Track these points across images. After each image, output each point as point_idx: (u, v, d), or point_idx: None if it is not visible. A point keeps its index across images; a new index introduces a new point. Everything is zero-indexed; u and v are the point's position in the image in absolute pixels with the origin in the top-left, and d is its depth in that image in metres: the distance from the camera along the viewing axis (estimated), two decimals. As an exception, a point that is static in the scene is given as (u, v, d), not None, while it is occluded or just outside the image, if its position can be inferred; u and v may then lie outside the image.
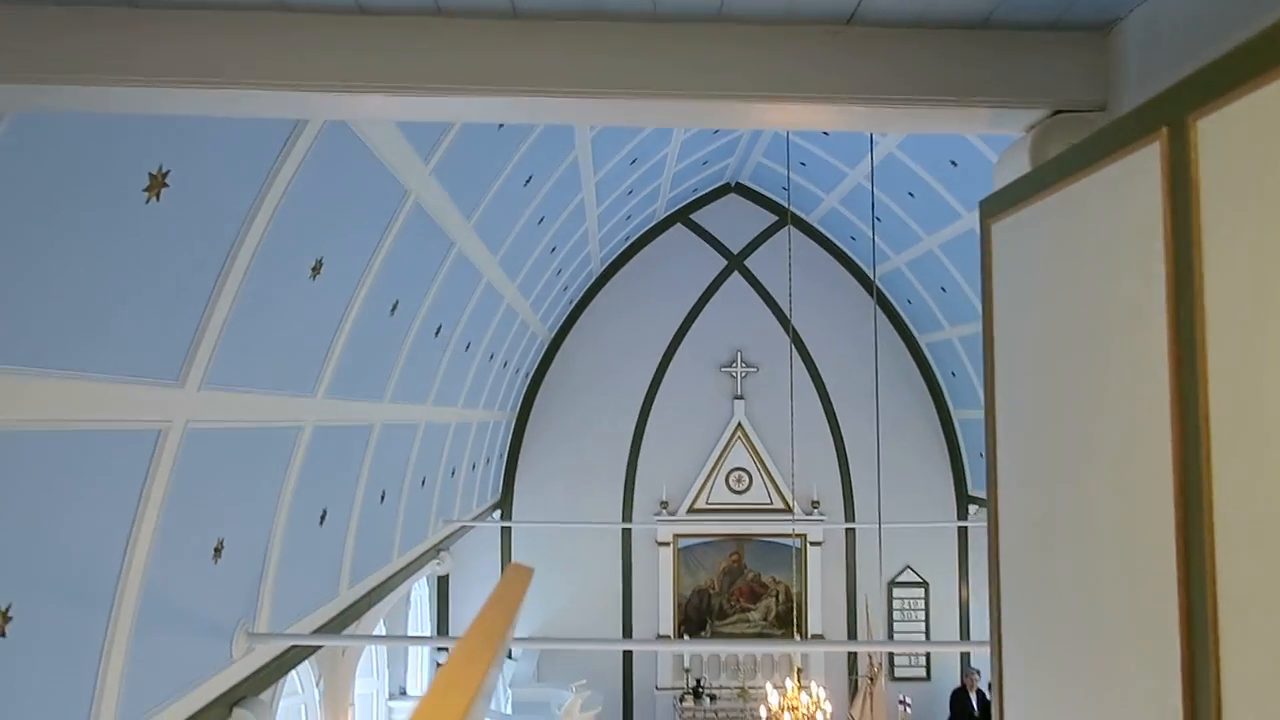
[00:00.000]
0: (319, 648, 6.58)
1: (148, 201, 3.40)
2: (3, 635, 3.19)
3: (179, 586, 4.50)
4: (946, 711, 14.16)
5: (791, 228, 13.05)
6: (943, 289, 12.78)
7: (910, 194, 11.24)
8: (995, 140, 8.57)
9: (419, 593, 12.64)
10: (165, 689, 4.50)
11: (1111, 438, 1.88)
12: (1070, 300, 2.02)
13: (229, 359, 4.37)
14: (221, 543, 4.86)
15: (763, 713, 10.56)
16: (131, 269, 3.48)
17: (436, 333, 8.00)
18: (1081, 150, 1.96)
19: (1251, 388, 1.53)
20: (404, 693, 11.26)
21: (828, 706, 10.53)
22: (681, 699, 13.99)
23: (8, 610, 3.20)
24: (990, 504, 2.60)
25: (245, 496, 5.16)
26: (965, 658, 14.69)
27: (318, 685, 8.09)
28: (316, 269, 5.02)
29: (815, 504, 14.67)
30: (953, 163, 9.86)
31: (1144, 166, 1.72)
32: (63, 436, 3.37)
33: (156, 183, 3.39)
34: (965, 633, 14.78)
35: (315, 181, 4.44)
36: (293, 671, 6.66)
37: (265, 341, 4.82)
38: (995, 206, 2.36)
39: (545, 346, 14.76)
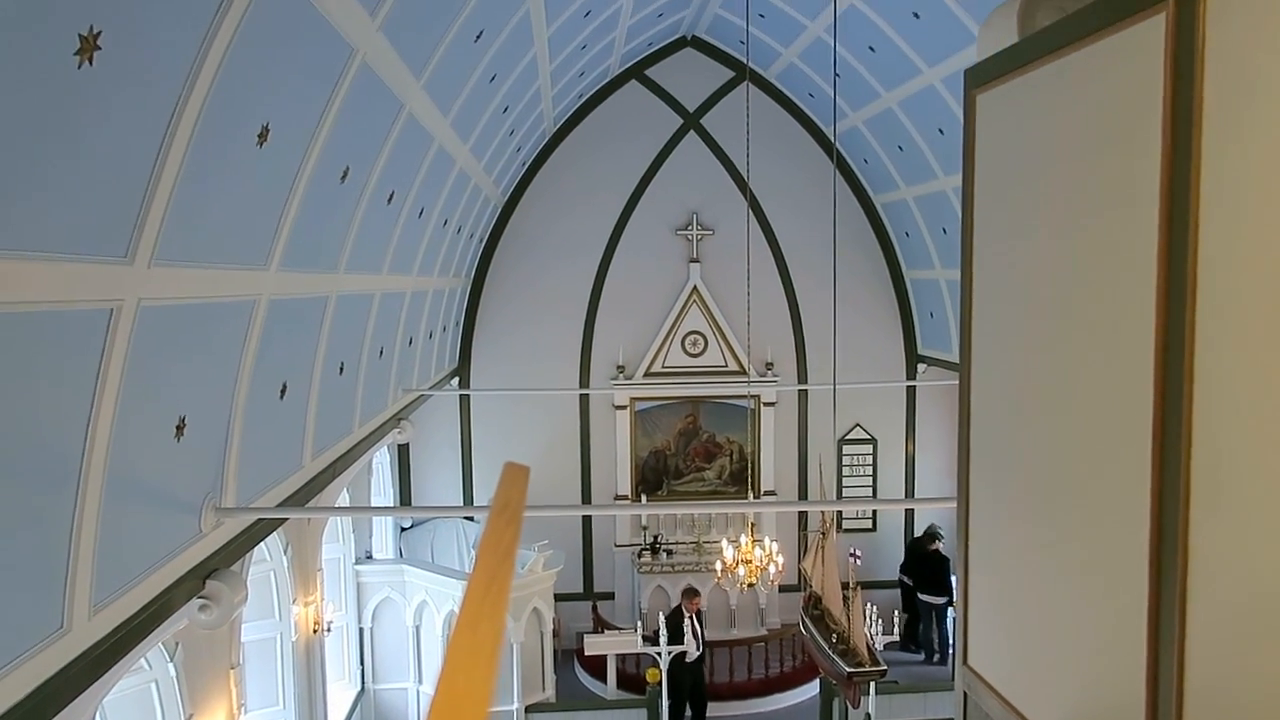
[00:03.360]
0: (286, 519, 6.64)
1: (80, 66, 3.17)
2: (-31, 521, 3.16)
3: (144, 465, 4.46)
4: (891, 559, 14.93)
5: (749, 84, 12.74)
6: (900, 148, 12.67)
7: (871, 48, 10.98)
8: (961, -7, 8.34)
9: (381, 460, 12.76)
10: (138, 565, 4.53)
11: (1094, 314, 1.89)
12: (1058, 176, 2.00)
13: (178, 233, 4.20)
14: (183, 420, 4.80)
15: (718, 566, 11.02)
16: (68, 140, 3.28)
17: (389, 199, 7.77)
18: (1079, 20, 1.89)
19: (1240, 273, 1.53)
20: (370, 557, 11.52)
21: (780, 559, 11.01)
22: (639, 555, 14.50)
23: (-28, 497, 3.15)
24: (963, 370, 2.63)
25: (204, 373, 5.08)
26: (910, 514, 15.36)
27: (286, 553, 8.23)
28: (263, 136, 4.78)
29: (769, 365, 14.90)
30: (915, 14, 9.59)
31: (1146, 41, 1.67)
32: (12, 319, 3.24)
33: (88, 45, 3.15)
34: (910, 487, 15.41)
35: (257, 41, 4.18)
36: (260, 545, 6.74)
37: (214, 214, 4.63)
38: (981, 76, 2.29)
39: (499, 210, 14.47)
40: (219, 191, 4.56)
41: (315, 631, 8.83)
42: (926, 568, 14.07)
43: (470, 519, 13.14)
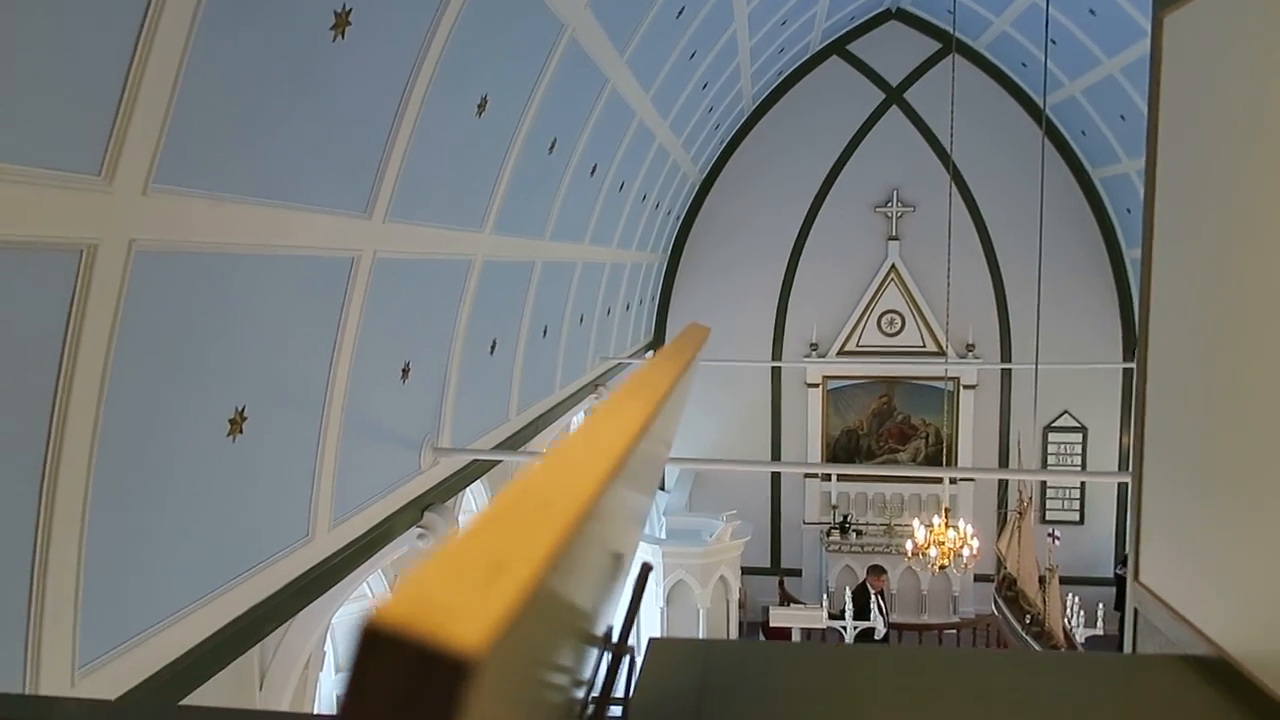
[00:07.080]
0: (493, 465, 7.18)
1: (334, 40, 3.63)
2: (241, 432, 3.71)
3: (374, 401, 5.01)
4: (1100, 556, 14.11)
5: (956, 56, 12.34)
6: (1122, 118, 11.91)
7: (1091, 11, 10.38)
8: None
9: (578, 424, 13.36)
10: (367, 491, 5.10)
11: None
12: (1253, 103, 1.96)
13: (409, 193, 4.68)
14: (408, 365, 5.34)
15: (909, 546, 10.85)
16: (324, 106, 3.76)
17: (592, 172, 8.18)
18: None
19: None
20: (567, 515, 12.10)
21: (975, 542, 10.68)
22: (828, 533, 14.46)
23: (243, 410, 3.70)
24: (1141, 336, 2.57)
25: (426, 324, 5.61)
26: (1124, 505, 14.45)
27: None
28: (482, 106, 5.22)
29: (970, 346, 14.41)
30: (1141, -26, 9.01)
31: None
32: (278, 261, 3.77)
33: (341, 21, 3.61)
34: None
35: (479, 17, 4.58)
36: (467, 489, 7.32)
37: (439, 177, 5.11)
38: (1174, -1, 2.25)
39: (696, 188, 14.74)
40: (443, 156, 5.03)
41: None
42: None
43: (661, 488, 13.54)
